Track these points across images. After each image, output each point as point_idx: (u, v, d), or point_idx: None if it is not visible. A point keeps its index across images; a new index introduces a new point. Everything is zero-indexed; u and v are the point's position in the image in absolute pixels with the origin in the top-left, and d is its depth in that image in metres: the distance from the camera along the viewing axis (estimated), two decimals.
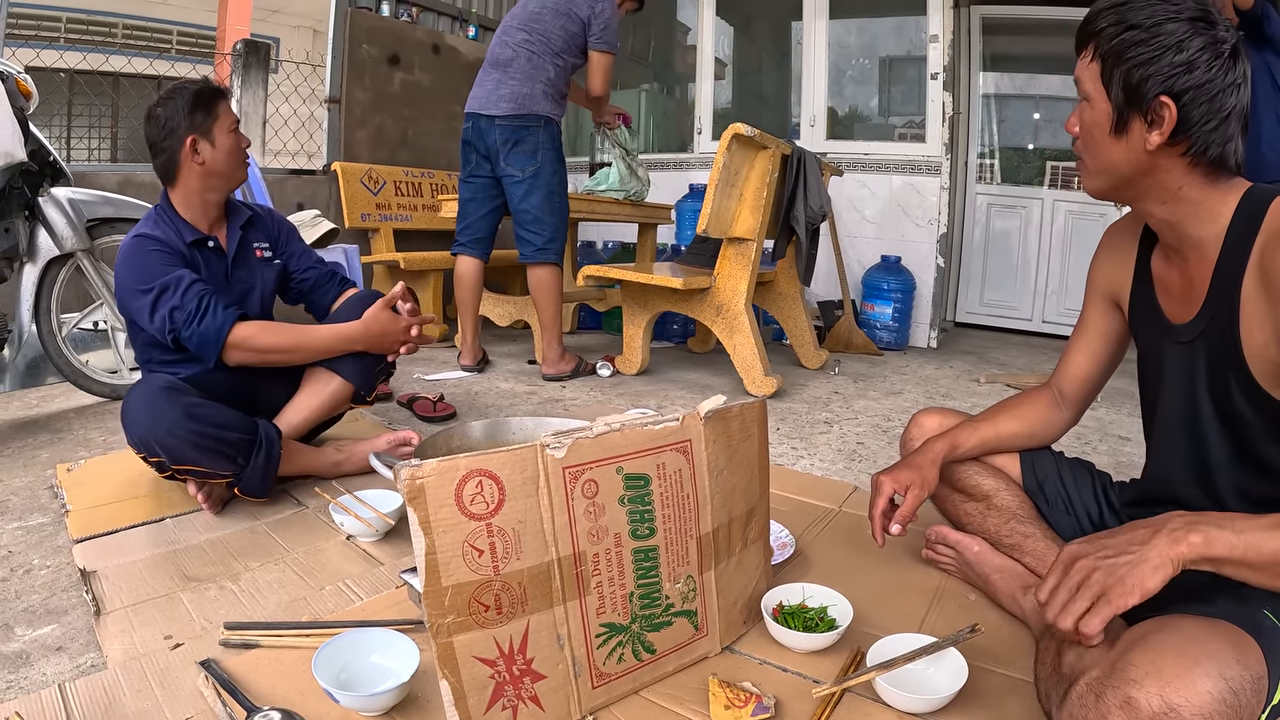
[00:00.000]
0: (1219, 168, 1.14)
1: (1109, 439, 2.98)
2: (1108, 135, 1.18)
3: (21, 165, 2.63)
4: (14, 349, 2.96)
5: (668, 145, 6.62)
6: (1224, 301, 1.15)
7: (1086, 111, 1.21)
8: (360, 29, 4.82)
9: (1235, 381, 1.15)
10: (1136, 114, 1.14)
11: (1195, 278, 1.21)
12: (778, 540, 1.75)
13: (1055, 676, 1.15)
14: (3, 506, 1.96)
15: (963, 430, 1.60)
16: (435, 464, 1.01)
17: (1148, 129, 1.14)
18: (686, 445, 1.26)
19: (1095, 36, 1.18)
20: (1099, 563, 1.01)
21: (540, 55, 3.44)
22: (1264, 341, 1.09)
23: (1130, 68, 1.13)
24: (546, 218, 3.51)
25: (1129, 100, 1.14)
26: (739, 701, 1.19)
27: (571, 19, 3.46)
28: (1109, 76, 1.16)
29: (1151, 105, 1.12)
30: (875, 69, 6.01)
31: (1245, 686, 0.88)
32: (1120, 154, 1.18)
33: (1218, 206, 1.16)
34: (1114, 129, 1.17)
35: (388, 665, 1.23)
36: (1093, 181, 1.26)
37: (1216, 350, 1.18)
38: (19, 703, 1.17)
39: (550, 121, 3.50)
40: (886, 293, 5.01)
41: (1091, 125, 1.21)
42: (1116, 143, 1.18)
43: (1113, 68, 1.15)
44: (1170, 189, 1.17)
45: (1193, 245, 1.20)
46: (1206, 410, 1.22)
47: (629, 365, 3.80)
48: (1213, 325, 1.18)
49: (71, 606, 1.49)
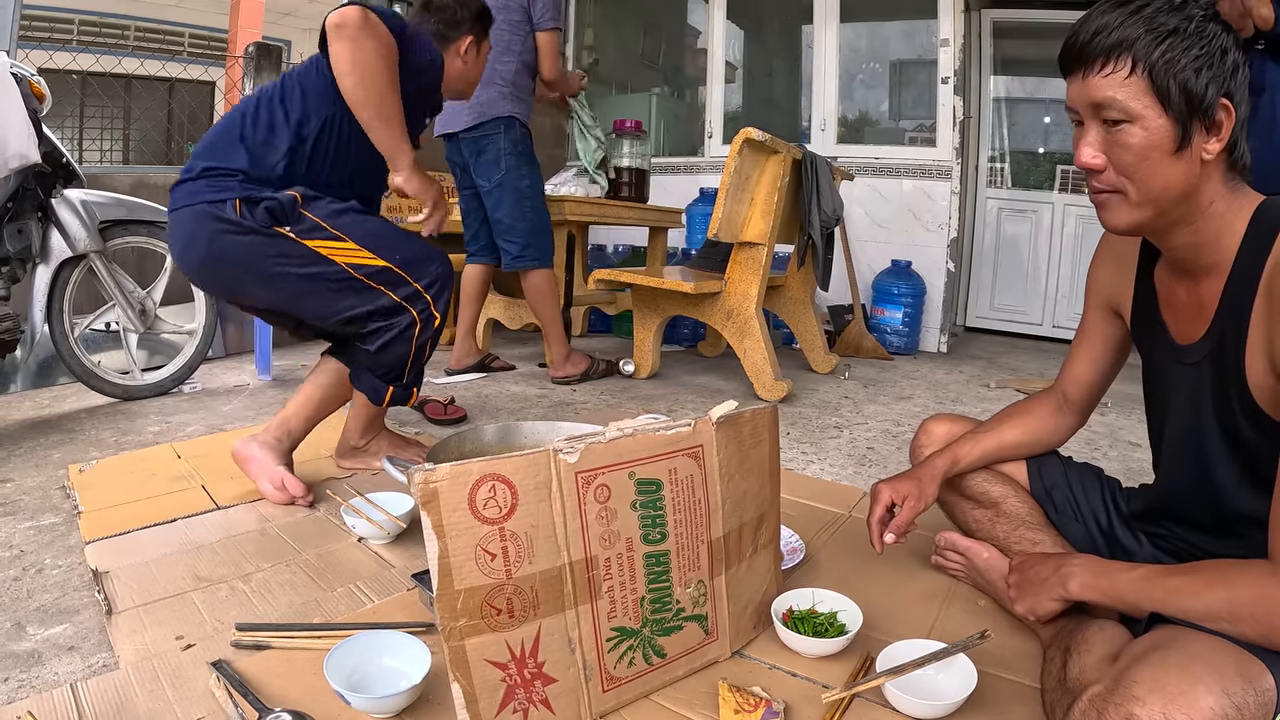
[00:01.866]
0: (1242, 172, 1.11)
1: (1119, 444, 2.97)
2: (1169, 155, 1.08)
3: (35, 167, 2.65)
4: (26, 349, 2.98)
5: (678, 149, 6.62)
6: (1233, 324, 1.12)
7: (1134, 134, 1.08)
8: None
9: (1241, 405, 1.13)
10: (1199, 124, 1.07)
11: (1204, 297, 1.17)
12: (788, 545, 1.75)
13: (1060, 689, 1.15)
14: (15, 506, 1.97)
15: (964, 443, 1.59)
16: (449, 468, 1.01)
17: (1206, 137, 1.07)
18: (698, 450, 1.26)
19: (1128, 50, 1.06)
20: (1013, 586, 1.35)
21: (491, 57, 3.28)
22: (1267, 369, 1.08)
23: (1190, 74, 1.04)
24: (517, 224, 3.47)
25: (1192, 110, 1.06)
26: (749, 706, 1.19)
27: (512, 9, 3.34)
28: (1164, 88, 1.05)
29: (1213, 110, 1.06)
30: (886, 73, 6.01)
31: (1249, 701, 0.88)
32: (1179, 173, 1.09)
33: (1235, 222, 1.11)
34: (1178, 145, 1.07)
35: (399, 667, 1.23)
36: (1136, 214, 1.14)
37: (1223, 373, 1.15)
38: (31, 702, 1.17)
39: (513, 123, 3.42)
40: (897, 297, 5.00)
41: (1148, 148, 1.08)
42: (1176, 161, 1.08)
43: (1167, 78, 1.05)
44: (1204, 205, 1.12)
45: (1203, 264, 1.16)
46: (1212, 431, 1.21)
47: (639, 369, 3.81)
48: (1220, 348, 1.15)
49: (83, 606, 1.50)
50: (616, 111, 6.17)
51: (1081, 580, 1.20)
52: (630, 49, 7.07)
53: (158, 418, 2.83)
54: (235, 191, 1.89)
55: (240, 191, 1.90)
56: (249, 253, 1.91)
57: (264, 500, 2.01)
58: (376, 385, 2.10)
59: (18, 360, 3.19)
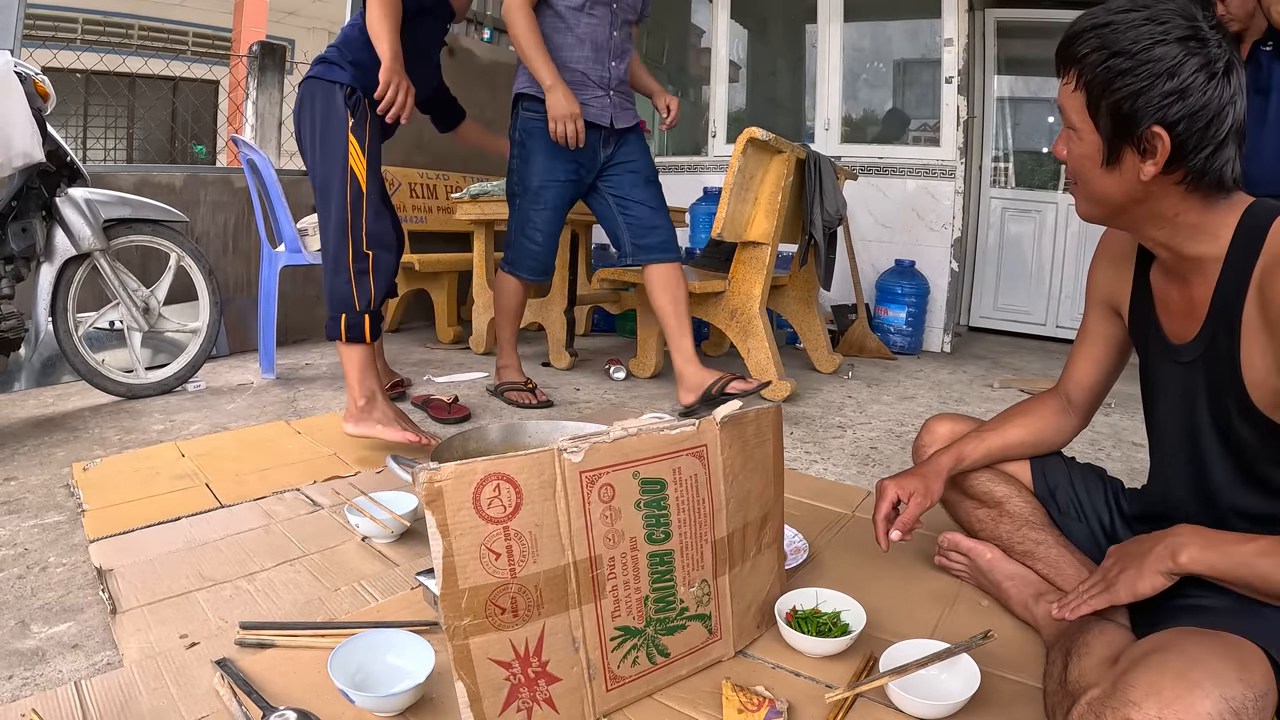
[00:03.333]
0: (1216, 189, 1.10)
1: (1122, 445, 2.97)
2: (1098, 168, 1.13)
3: (39, 166, 2.66)
4: (31, 348, 2.98)
5: (682, 148, 6.62)
6: (1224, 325, 1.12)
7: (1074, 143, 1.15)
8: None
9: (1235, 404, 1.13)
10: (1128, 146, 1.09)
11: (1195, 298, 1.18)
12: (791, 545, 1.75)
13: (1061, 691, 1.15)
14: (19, 504, 1.97)
15: (969, 442, 1.59)
16: (453, 467, 1.01)
17: (1141, 160, 1.09)
18: (702, 450, 1.26)
19: (1077, 63, 1.11)
20: (1113, 566, 1.20)
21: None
22: (1265, 370, 1.08)
23: (1118, 99, 1.07)
24: (510, 221, 3.21)
25: (1118, 132, 1.09)
26: (752, 705, 1.19)
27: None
28: (1095, 108, 1.10)
29: (1144, 136, 1.07)
30: (890, 72, 6.00)
31: (1248, 705, 0.88)
32: (1113, 185, 1.13)
33: (1217, 228, 1.12)
34: (1105, 161, 1.12)
35: (403, 666, 1.23)
36: (1086, 209, 1.22)
37: (1216, 373, 1.15)
38: (36, 699, 1.18)
39: (519, 99, 3.04)
40: (900, 297, 4.99)
41: (1081, 157, 1.15)
42: (1108, 174, 1.13)
43: (1099, 98, 1.09)
44: (1166, 215, 1.13)
45: (1192, 265, 1.16)
46: (1207, 430, 1.21)
47: (643, 369, 3.81)
48: (1213, 348, 1.15)
49: (87, 604, 1.50)
50: None
51: (1192, 553, 1.10)
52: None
53: (161, 416, 2.84)
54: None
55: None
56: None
57: (267, 499, 2.01)
58: (331, 320, 2.44)
59: (22, 358, 3.19)
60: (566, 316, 4.01)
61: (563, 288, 3.99)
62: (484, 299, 4.26)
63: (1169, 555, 1.12)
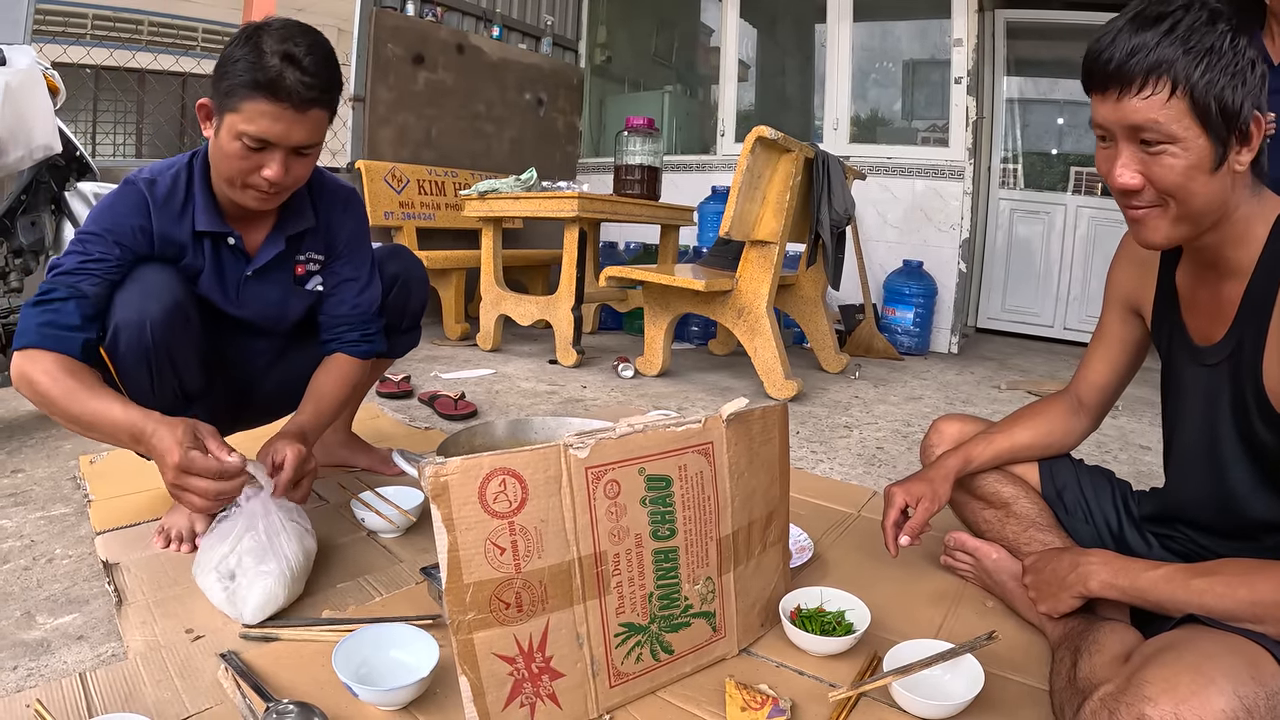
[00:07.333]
0: (1261, 175, 1.11)
1: (1130, 448, 2.96)
2: (1208, 174, 1.07)
3: (49, 160, 2.67)
4: None
5: (690, 147, 6.62)
6: (1253, 327, 1.12)
7: (1177, 156, 1.07)
8: (385, 28, 4.84)
9: (1258, 408, 1.13)
10: (1234, 139, 1.06)
11: (1225, 299, 1.17)
12: (796, 544, 1.75)
13: (1070, 689, 1.15)
14: (26, 496, 1.98)
15: (977, 444, 1.59)
16: (459, 462, 1.01)
17: (1239, 151, 1.07)
18: (708, 447, 1.26)
19: (1166, 71, 1.04)
20: (1030, 588, 1.39)
21: None
22: None
23: (1227, 92, 1.03)
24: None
25: (1230, 127, 1.05)
26: (755, 704, 1.18)
27: None
28: (1203, 109, 1.04)
29: (1248, 125, 1.06)
30: (899, 72, 5.99)
31: (1260, 703, 0.88)
32: (1218, 189, 1.09)
33: (1257, 225, 1.12)
34: (1215, 165, 1.07)
35: (407, 660, 1.24)
36: (1175, 230, 1.14)
37: (1241, 376, 1.15)
38: (40, 690, 1.18)
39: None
40: (908, 297, 4.99)
41: (1186, 170, 1.07)
42: (1215, 179, 1.08)
43: (1206, 98, 1.03)
44: (1230, 211, 1.12)
45: (1227, 265, 1.16)
46: (1228, 434, 1.20)
47: (650, 366, 3.81)
48: (1239, 350, 1.15)
49: (93, 596, 1.50)
50: (629, 109, 6.18)
51: (1102, 579, 1.22)
52: (643, 46, 7.06)
53: None
54: None
55: None
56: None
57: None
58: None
59: None
60: (574, 314, 4.01)
61: (570, 285, 3.98)
62: (491, 296, 4.26)
63: (1080, 583, 1.25)
